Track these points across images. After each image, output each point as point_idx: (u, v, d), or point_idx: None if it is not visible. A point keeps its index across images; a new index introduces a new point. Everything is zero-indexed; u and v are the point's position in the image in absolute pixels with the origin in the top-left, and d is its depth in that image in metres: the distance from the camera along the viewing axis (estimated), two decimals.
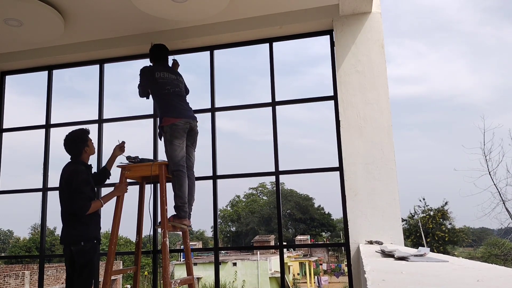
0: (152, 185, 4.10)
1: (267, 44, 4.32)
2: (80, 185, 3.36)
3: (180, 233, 3.73)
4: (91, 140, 3.65)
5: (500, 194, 14.80)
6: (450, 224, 29.04)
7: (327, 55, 4.20)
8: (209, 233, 54.44)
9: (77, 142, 3.56)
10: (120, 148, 3.75)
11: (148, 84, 3.70)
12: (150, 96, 3.78)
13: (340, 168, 3.85)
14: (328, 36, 4.19)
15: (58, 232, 27.67)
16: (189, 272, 3.70)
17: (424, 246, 2.29)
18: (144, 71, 3.74)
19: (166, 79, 3.68)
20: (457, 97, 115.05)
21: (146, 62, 4.10)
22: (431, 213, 29.17)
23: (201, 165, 4.09)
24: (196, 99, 4.10)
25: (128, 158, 3.61)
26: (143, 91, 3.78)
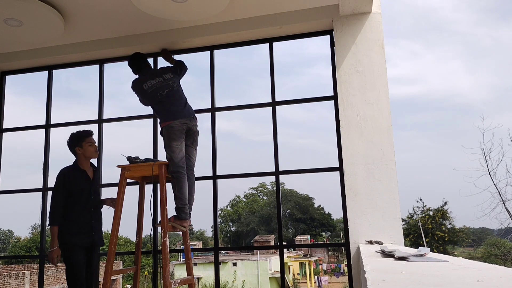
0: (152, 185, 4.10)
1: (264, 45, 4.33)
2: (53, 192, 3.52)
3: (180, 233, 3.73)
4: (89, 141, 3.61)
5: (500, 194, 14.82)
6: (450, 224, 29.06)
7: (323, 55, 4.24)
8: (209, 233, 54.48)
9: (69, 143, 3.62)
10: (111, 202, 3.75)
11: (141, 96, 3.81)
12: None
13: (340, 168, 3.85)
14: (325, 37, 4.19)
15: None
16: (189, 272, 3.70)
17: (423, 246, 2.28)
18: (135, 85, 3.82)
19: (154, 86, 3.70)
20: (454, 97, 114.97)
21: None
22: (431, 213, 29.18)
23: (201, 165, 4.09)
24: (195, 99, 4.10)
25: (128, 158, 3.61)
26: (143, 103, 3.89)
